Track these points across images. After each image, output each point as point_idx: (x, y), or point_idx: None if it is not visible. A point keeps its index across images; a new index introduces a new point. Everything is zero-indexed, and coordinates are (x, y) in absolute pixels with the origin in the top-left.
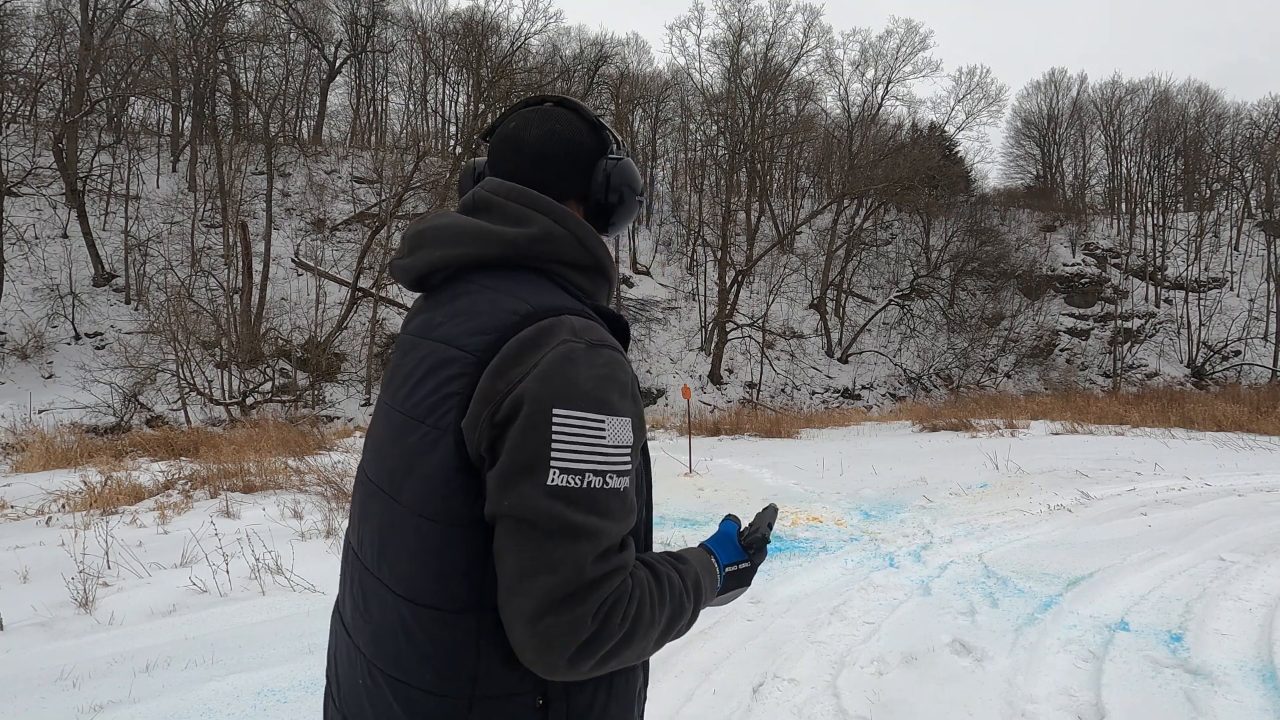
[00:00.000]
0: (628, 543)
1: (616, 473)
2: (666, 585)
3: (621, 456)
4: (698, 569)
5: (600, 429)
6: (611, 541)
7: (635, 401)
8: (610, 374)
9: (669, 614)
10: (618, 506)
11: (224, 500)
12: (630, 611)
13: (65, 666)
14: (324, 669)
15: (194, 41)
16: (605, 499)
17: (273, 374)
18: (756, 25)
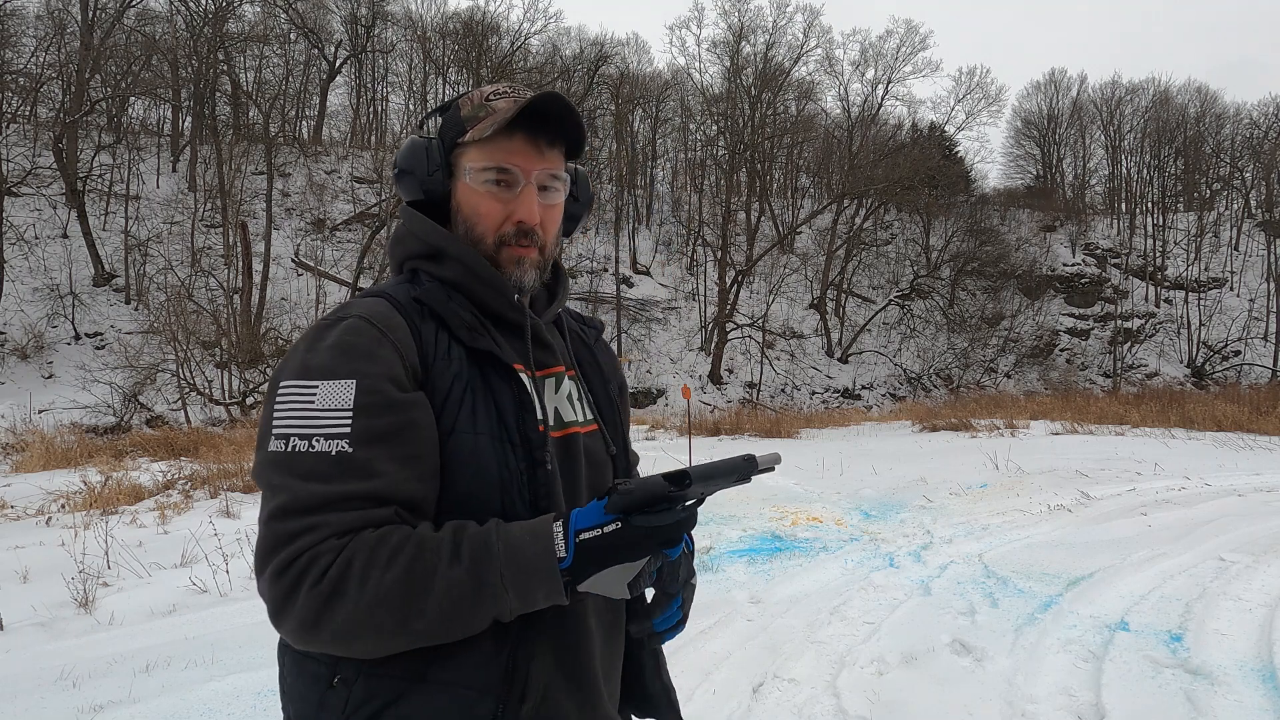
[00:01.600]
0: (333, 504)
1: (325, 435)
2: (410, 547)
3: (334, 419)
4: (503, 531)
5: (309, 394)
6: (302, 501)
7: (370, 360)
8: (338, 341)
9: (400, 578)
10: (321, 467)
11: (224, 500)
12: (331, 573)
13: (65, 666)
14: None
15: (194, 41)
16: (307, 462)
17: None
18: (756, 25)
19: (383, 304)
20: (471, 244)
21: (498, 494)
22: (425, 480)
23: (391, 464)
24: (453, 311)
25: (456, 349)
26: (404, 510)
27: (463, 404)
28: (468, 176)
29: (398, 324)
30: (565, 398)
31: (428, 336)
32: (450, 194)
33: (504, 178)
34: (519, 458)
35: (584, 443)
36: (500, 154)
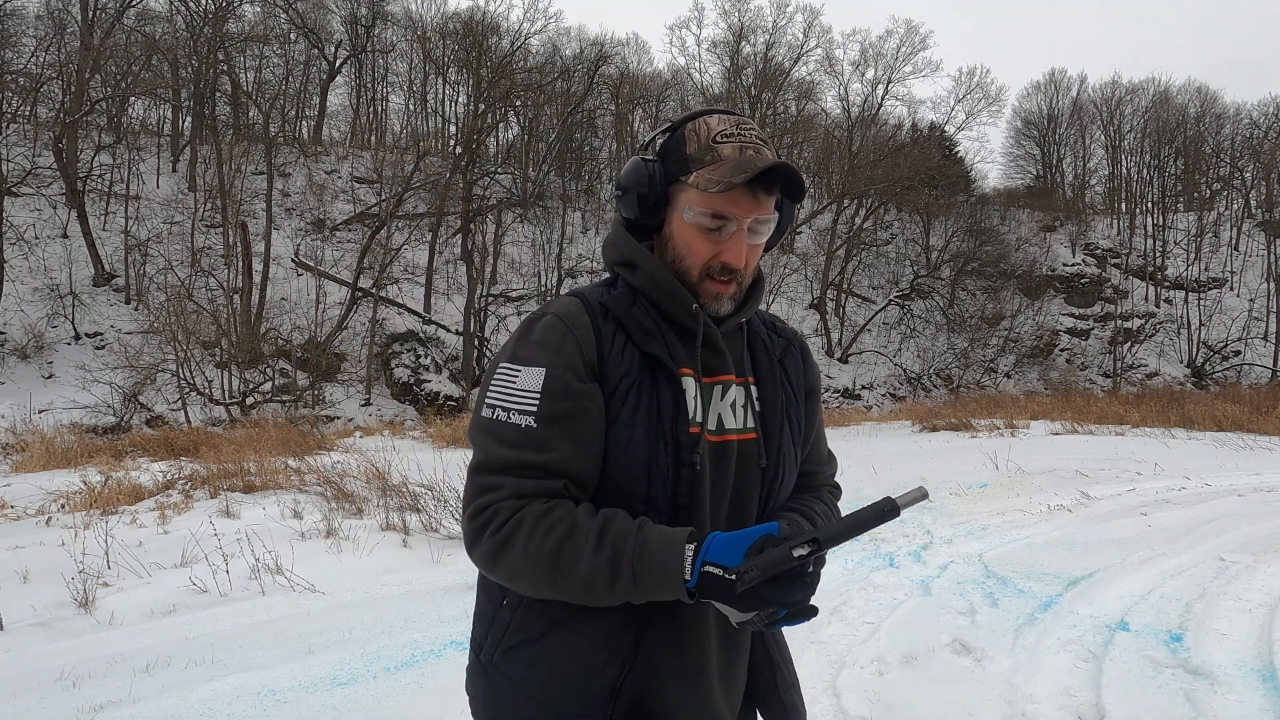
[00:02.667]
0: (516, 469)
1: (519, 410)
2: (565, 525)
3: (527, 398)
4: (642, 536)
5: (515, 376)
6: (495, 461)
7: (558, 353)
8: (538, 336)
9: (553, 549)
10: (512, 436)
11: (224, 500)
12: (506, 528)
13: (65, 666)
14: (325, 669)
15: (194, 41)
16: (502, 429)
17: (273, 374)
18: (756, 25)
19: (575, 304)
20: (677, 273)
21: (644, 484)
22: (591, 460)
23: (564, 442)
24: (632, 316)
25: (631, 350)
26: (572, 484)
27: (627, 399)
28: (686, 215)
29: (584, 323)
30: (730, 405)
31: (607, 336)
32: (664, 220)
33: (719, 224)
34: (668, 454)
35: (739, 450)
36: (720, 202)
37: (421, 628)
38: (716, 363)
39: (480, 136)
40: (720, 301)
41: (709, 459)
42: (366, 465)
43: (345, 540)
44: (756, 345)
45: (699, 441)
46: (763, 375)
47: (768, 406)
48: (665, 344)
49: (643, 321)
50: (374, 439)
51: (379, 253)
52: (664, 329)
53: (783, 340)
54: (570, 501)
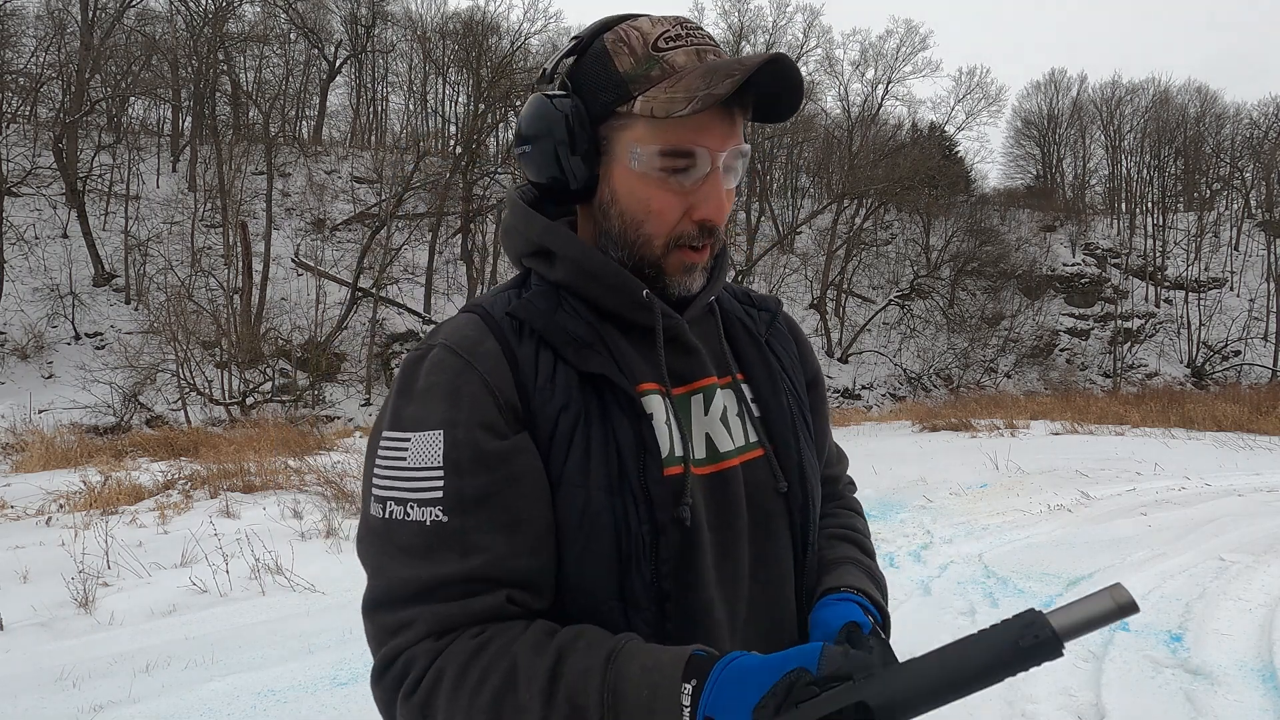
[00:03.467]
0: (428, 592)
1: (419, 501)
2: (502, 670)
3: (426, 480)
4: (614, 674)
5: (403, 450)
6: (398, 588)
7: (456, 403)
8: (423, 383)
9: (488, 711)
10: (414, 541)
11: (224, 500)
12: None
13: (65, 666)
14: (325, 669)
15: (194, 41)
16: (403, 533)
17: (273, 374)
18: (756, 25)
19: (473, 324)
20: (632, 246)
21: (615, 568)
22: (539, 549)
23: (492, 535)
24: (556, 325)
25: (565, 372)
26: (517, 592)
27: (572, 445)
28: (634, 160)
29: (487, 350)
30: (719, 418)
31: (526, 360)
32: (596, 177)
33: (684, 164)
34: (640, 517)
35: (746, 476)
36: (687, 132)
37: None
38: (688, 365)
39: (480, 136)
40: (692, 275)
41: (705, 503)
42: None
43: (345, 540)
44: (735, 328)
45: (684, 484)
46: (753, 367)
47: (770, 408)
48: (611, 354)
49: (573, 329)
50: None
51: (379, 253)
52: (604, 332)
53: (765, 314)
54: (515, 623)
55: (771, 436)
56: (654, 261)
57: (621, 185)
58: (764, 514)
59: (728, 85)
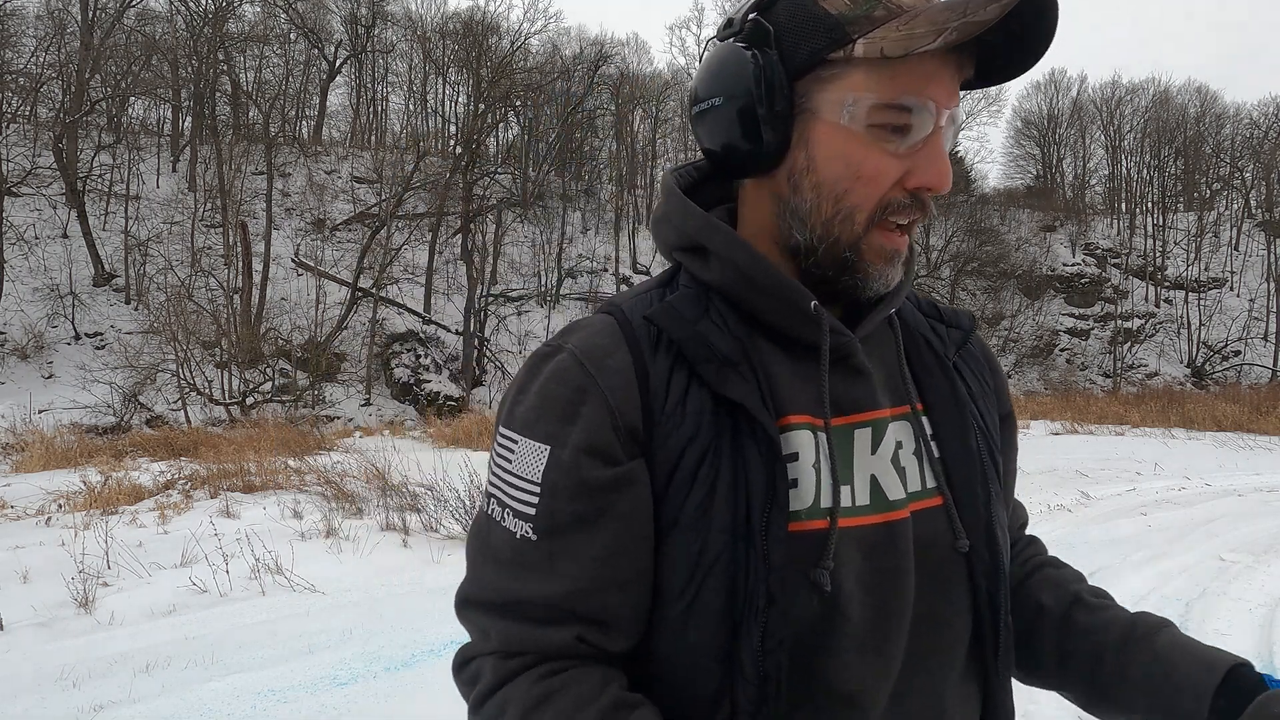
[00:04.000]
0: (506, 608)
1: (514, 512)
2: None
3: (525, 491)
4: None
5: (510, 451)
6: (483, 592)
7: (568, 421)
8: (541, 387)
9: None
10: (505, 550)
11: (224, 500)
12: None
13: (65, 666)
14: (325, 669)
15: (194, 41)
16: (497, 537)
17: (273, 374)
18: None
19: (608, 330)
20: (825, 223)
21: (726, 627)
22: (627, 588)
23: (577, 566)
24: (697, 337)
25: (698, 394)
26: (592, 631)
27: (696, 482)
28: (845, 115)
29: (616, 363)
30: (891, 457)
31: (658, 377)
32: (787, 143)
33: (905, 120)
34: (757, 575)
35: (916, 530)
36: (909, 80)
37: (421, 628)
38: (855, 392)
39: (480, 136)
40: (894, 267)
41: (861, 564)
42: (366, 465)
43: (345, 540)
44: (918, 347)
45: (826, 543)
46: (936, 396)
47: (953, 448)
48: (756, 375)
49: (717, 343)
50: (374, 439)
51: (379, 253)
52: (755, 348)
53: (957, 332)
54: (584, 672)
55: (952, 483)
56: (852, 243)
57: (824, 148)
58: (936, 578)
59: (995, 10)
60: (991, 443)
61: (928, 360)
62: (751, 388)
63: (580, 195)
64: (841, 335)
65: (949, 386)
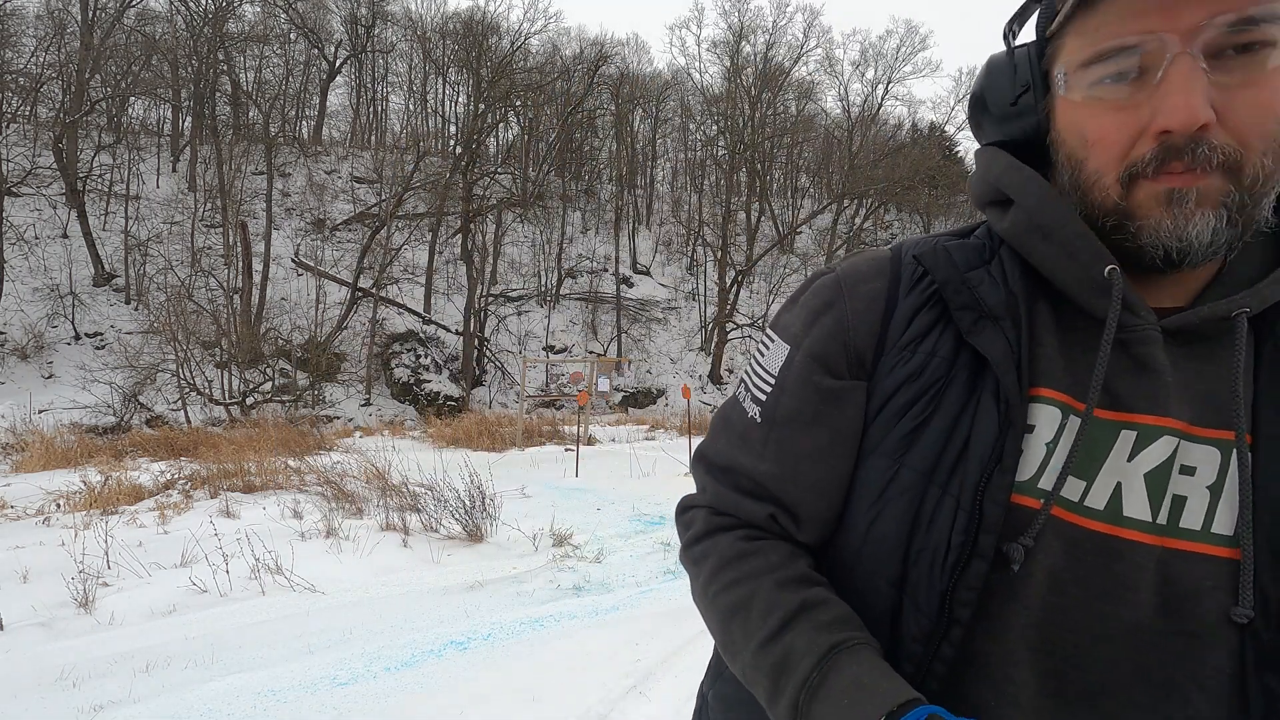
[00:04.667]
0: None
1: (754, 396)
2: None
3: (765, 382)
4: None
5: (766, 346)
6: (712, 453)
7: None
8: (804, 299)
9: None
10: (740, 426)
11: (224, 500)
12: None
13: (65, 666)
14: (325, 669)
15: (194, 41)
16: (737, 413)
17: (273, 374)
18: (756, 25)
19: (876, 260)
20: (1083, 192)
21: (901, 557)
22: (818, 490)
23: (780, 456)
24: (960, 283)
25: (944, 337)
26: (782, 514)
27: (903, 416)
28: (1064, 86)
29: (869, 290)
30: (1151, 473)
31: (905, 312)
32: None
33: (1130, 63)
34: (954, 526)
35: (1158, 569)
36: (1118, 21)
37: (421, 628)
38: (1136, 386)
39: (480, 136)
40: (1186, 211)
41: (1059, 560)
42: (366, 465)
43: (345, 540)
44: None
45: (1033, 520)
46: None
47: (1270, 495)
48: (1019, 335)
49: (984, 294)
50: (374, 439)
51: (379, 253)
52: (1031, 306)
53: None
54: (779, 546)
55: (1257, 539)
56: (1113, 206)
57: (1061, 122)
58: (1182, 644)
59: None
60: None
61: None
62: (1004, 346)
63: (580, 195)
64: (1137, 315)
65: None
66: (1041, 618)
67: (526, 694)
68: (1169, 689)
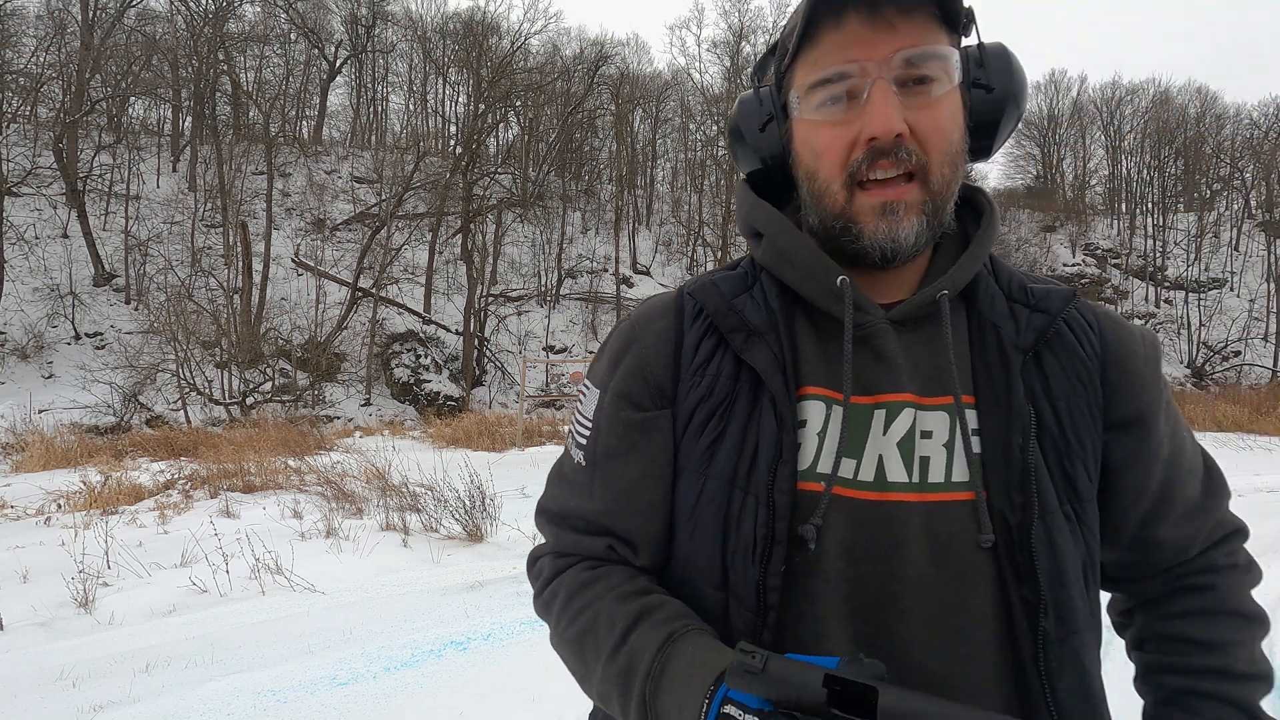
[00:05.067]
0: (563, 518)
1: (576, 444)
2: (592, 612)
3: (583, 427)
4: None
5: (583, 395)
6: (548, 503)
7: (613, 371)
8: (607, 345)
9: (576, 641)
10: (569, 473)
11: (224, 500)
12: (545, 594)
13: (65, 666)
14: (325, 669)
15: (194, 41)
16: (565, 463)
17: (273, 374)
18: (756, 25)
19: (662, 302)
20: (816, 200)
21: (719, 561)
22: (646, 515)
23: (606, 492)
24: (729, 310)
25: (725, 359)
26: (618, 544)
27: (702, 435)
28: (797, 108)
29: (658, 328)
30: (898, 441)
31: (690, 343)
32: (789, 145)
33: (841, 88)
34: (757, 521)
35: (923, 521)
36: (830, 54)
37: (421, 628)
38: (875, 373)
39: (480, 136)
40: (895, 219)
41: (848, 532)
42: (366, 465)
43: (345, 540)
44: (985, 336)
45: (818, 503)
46: (991, 386)
47: (990, 446)
48: (781, 346)
49: (748, 316)
50: (374, 439)
51: (379, 253)
52: (792, 321)
53: (1041, 317)
54: (619, 570)
55: (987, 480)
56: (839, 212)
57: (798, 141)
58: (953, 575)
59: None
60: (1059, 446)
61: (991, 350)
62: (771, 357)
63: (580, 195)
64: (866, 313)
65: (1003, 379)
66: (844, 590)
67: (526, 694)
68: (955, 631)
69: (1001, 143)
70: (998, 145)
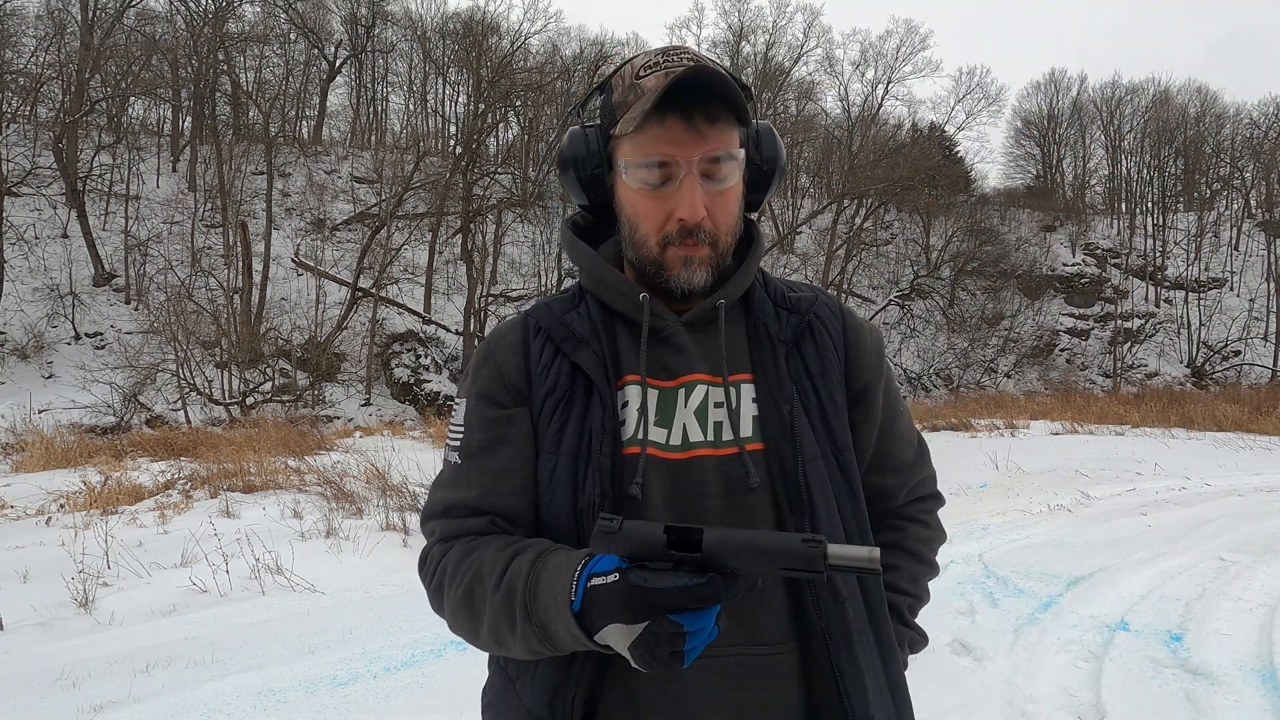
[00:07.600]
0: (445, 511)
1: (452, 447)
2: (476, 565)
3: (457, 433)
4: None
5: (455, 412)
6: (431, 506)
7: (476, 380)
8: (471, 366)
9: (464, 595)
10: (447, 476)
11: (224, 500)
12: (435, 577)
13: (65, 666)
14: (325, 669)
15: (194, 41)
16: (443, 471)
17: (273, 374)
18: (756, 25)
19: (512, 322)
20: (635, 248)
21: (572, 524)
22: (516, 494)
23: (485, 477)
24: (563, 324)
25: (562, 363)
26: (500, 520)
27: (551, 422)
28: (624, 174)
29: (509, 342)
30: (694, 411)
31: (536, 352)
32: (614, 190)
33: (661, 173)
34: (595, 484)
35: (717, 471)
36: (654, 144)
37: (421, 628)
38: (675, 361)
39: (480, 136)
40: (692, 269)
41: (665, 485)
42: (366, 465)
43: (345, 540)
44: (759, 331)
45: (638, 464)
46: (763, 367)
47: (766, 410)
48: (603, 349)
49: (575, 328)
50: (374, 439)
51: (379, 253)
52: (615, 333)
53: (793, 316)
54: (499, 536)
55: (765, 437)
56: (653, 259)
57: (622, 196)
58: (740, 510)
59: (652, 101)
60: (822, 409)
61: (763, 341)
62: (594, 357)
63: None
64: (662, 319)
65: (773, 362)
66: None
67: None
68: None
69: (770, 197)
70: (767, 200)
